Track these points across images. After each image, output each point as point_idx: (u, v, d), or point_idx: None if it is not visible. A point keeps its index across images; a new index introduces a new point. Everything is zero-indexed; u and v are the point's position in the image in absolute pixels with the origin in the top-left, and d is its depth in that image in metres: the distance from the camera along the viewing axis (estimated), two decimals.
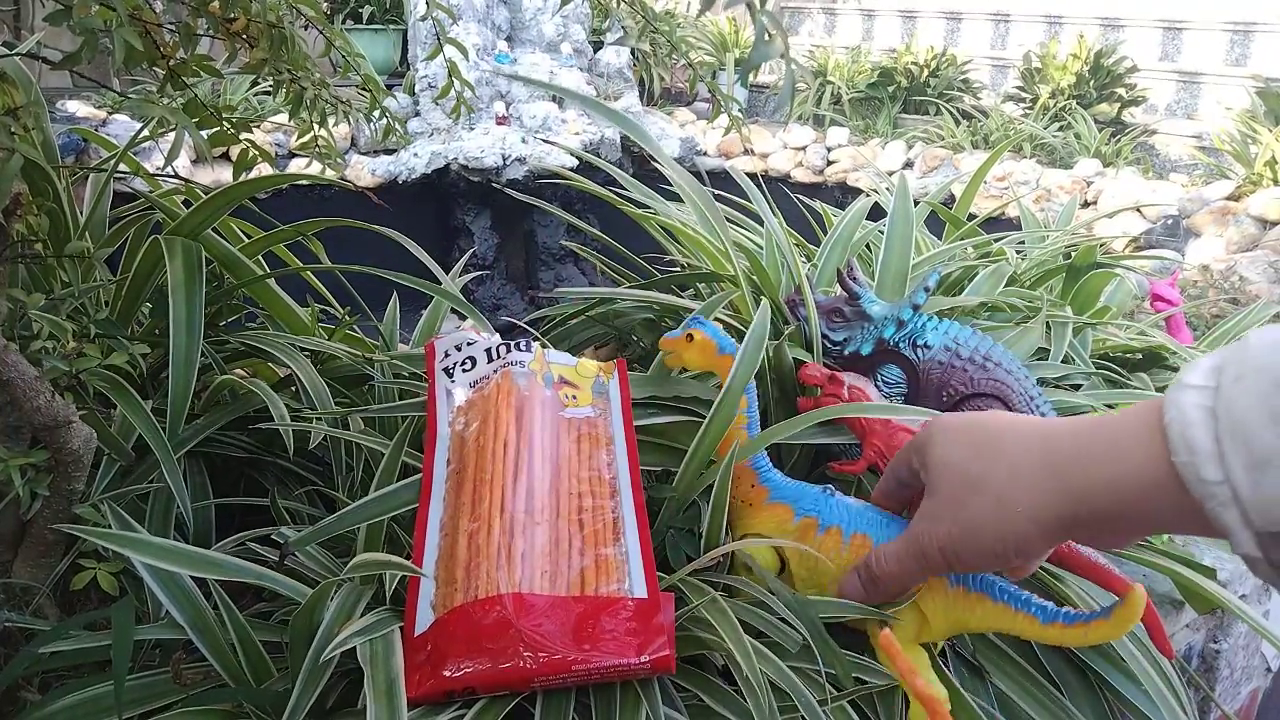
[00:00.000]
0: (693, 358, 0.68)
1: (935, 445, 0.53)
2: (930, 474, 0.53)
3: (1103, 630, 0.56)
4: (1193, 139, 4.34)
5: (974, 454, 0.50)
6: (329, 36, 0.79)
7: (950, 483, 0.51)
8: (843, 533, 0.60)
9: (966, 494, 0.49)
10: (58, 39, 0.72)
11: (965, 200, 1.37)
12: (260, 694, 0.56)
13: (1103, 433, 0.45)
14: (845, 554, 0.60)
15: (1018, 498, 0.47)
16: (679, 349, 0.68)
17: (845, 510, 0.62)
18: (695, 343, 0.67)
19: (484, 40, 4.33)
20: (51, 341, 0.65)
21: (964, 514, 0.49)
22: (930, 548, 0.52)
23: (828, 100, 5.05)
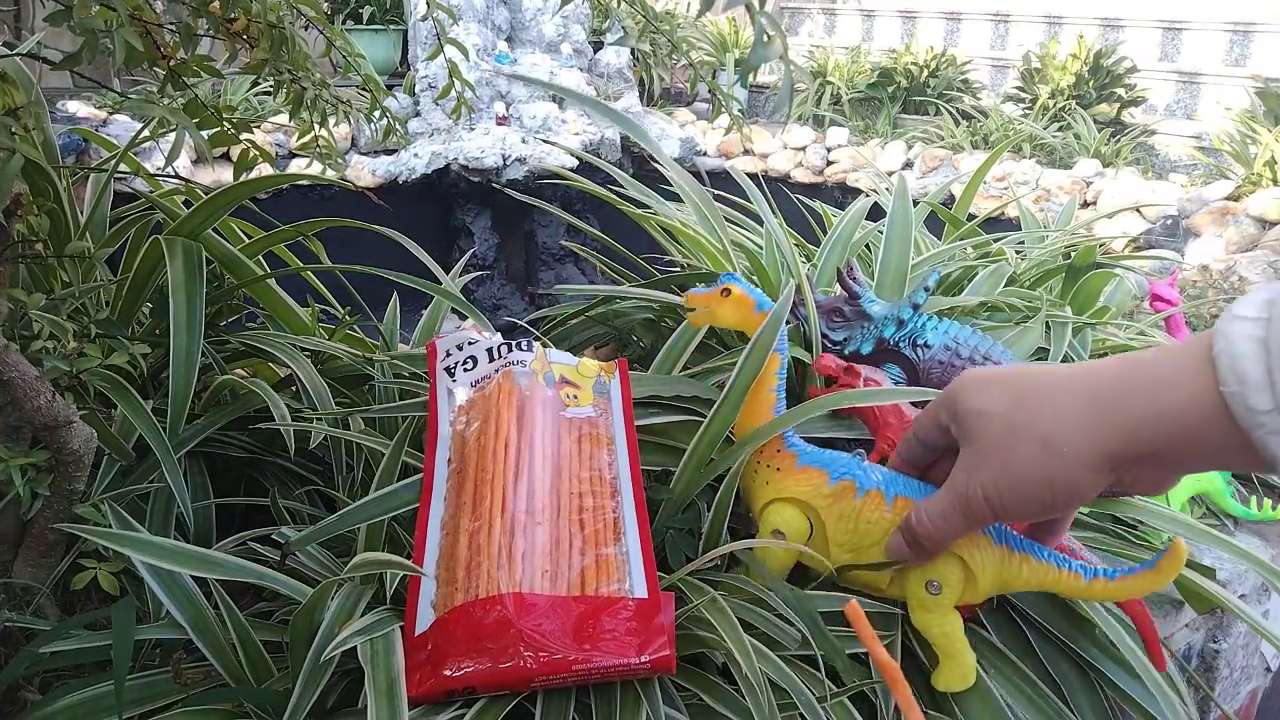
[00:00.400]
0: (726, 313, 0.65)
1: (969, 396, 0.51)
2: (966, 426, 0.51)
3: (1147, 581, 0.56)
4: (1192, 139, 4.34)
5: (1015, 400, 0.49)
6: (329, 37, 0.79)
7: (992, 431, 0.49)
8: (884, 496, 0.59)
9: (1011, 440, 0.48)
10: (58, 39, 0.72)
11: (965, 200, 1.38)
12: (261, 694, 0.56)
13: (1147, 368, 0.45)
14: (890, 517, 0.58)
15: (1064, 439, 0.46)
16: (711, 305, 0.65)
17: (881, 474, 0.60)
18: (731, 298, 0.64)
19: (484, 40, 4.33)
20: (52, 341, 0.65)
21: (1009, 461, 0.48)
22: (975, 499, 0.50)
23: (827, 100, 5.05)
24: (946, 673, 0.59)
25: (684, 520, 0.69)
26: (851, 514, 0.60)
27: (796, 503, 0.62)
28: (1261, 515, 0.98)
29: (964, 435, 0.51)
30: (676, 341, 0.82)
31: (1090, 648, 0.68)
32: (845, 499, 0.60)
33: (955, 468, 0.52)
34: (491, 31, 4.42)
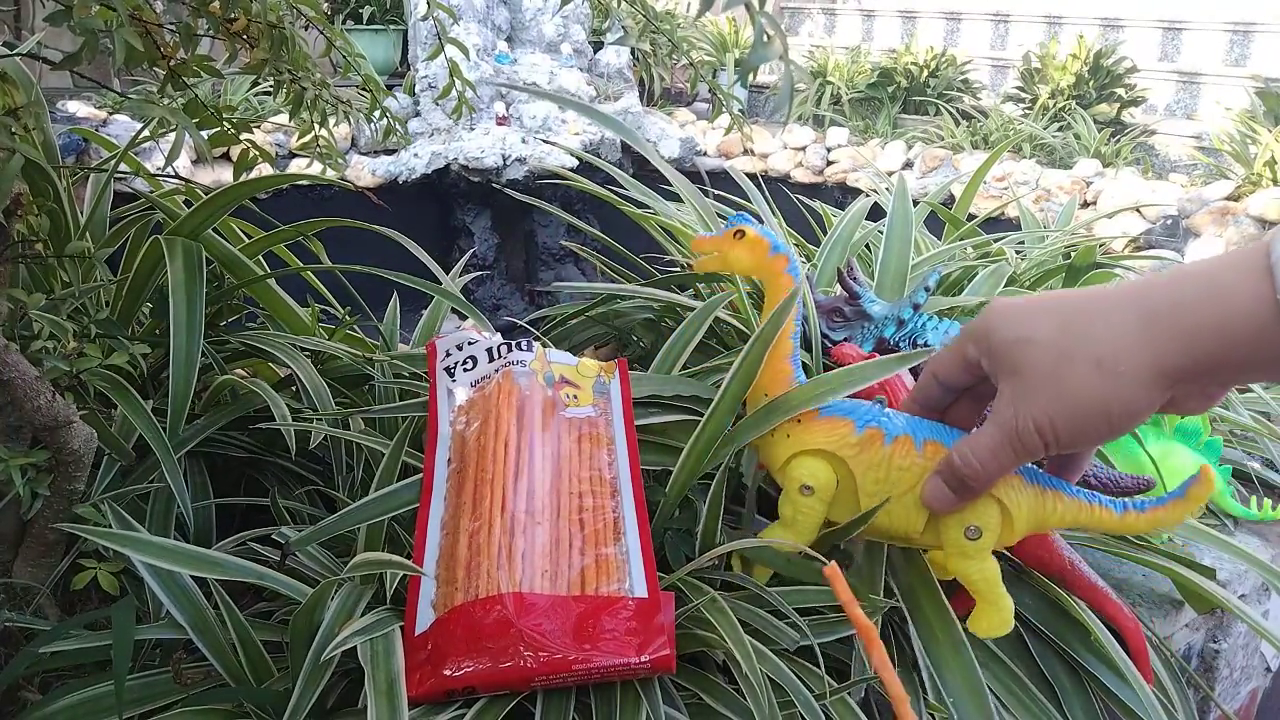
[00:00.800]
0: (740, 257, 0.61)
1: (1006, 326, 0.49)
2: (1006, 357, 0.49)
3: (1178, 510, 0.56)
4: (1192, 139, 4.34)
5: (1062, 324, 0.47)
6: (329, 37, 0.79)
7: (1038, 359, 0.47)
8: (914, 441, 0.57)
9: (1061, 366, 0.46)
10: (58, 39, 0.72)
11: (965, 200, 1.38)
12: (261, 694, 0.56)
13: (1202, 280, 0.44)
14: (922, 462, 0.56)
15: (1120, 359, 0.45)
16: (723, 248, 0.61)
17: (905, 420, 0.58)
18: (746, 240, 0.60)
19: (484, 40, 4.33)
20: (52, 341, 0.65)
21: (1062, 388, 0.46)
22: (1027, 431, 0.48)
23: (827, 100, 5.05)
24: (987, 618, 0.58)
25: (683, 520, 0.69)
26: (881, 462, 0.57)
27: (822, 454, 0.59)
28: (1261, 515, 0.98)
29: (1004, 367, 0.49)
30: (676, 341, 0.82)
31: (1084, 651, 0.68)
32: (873, 447, 0.57)
33: (999, 402, 0.50)
34: (491, 31, 4.42)
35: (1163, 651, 0.75)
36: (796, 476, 0.60)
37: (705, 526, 0.66)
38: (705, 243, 0.62)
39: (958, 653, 0.61)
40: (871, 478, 0.58)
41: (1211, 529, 0.79)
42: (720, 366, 0.81)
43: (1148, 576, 0.87)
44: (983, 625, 0.59)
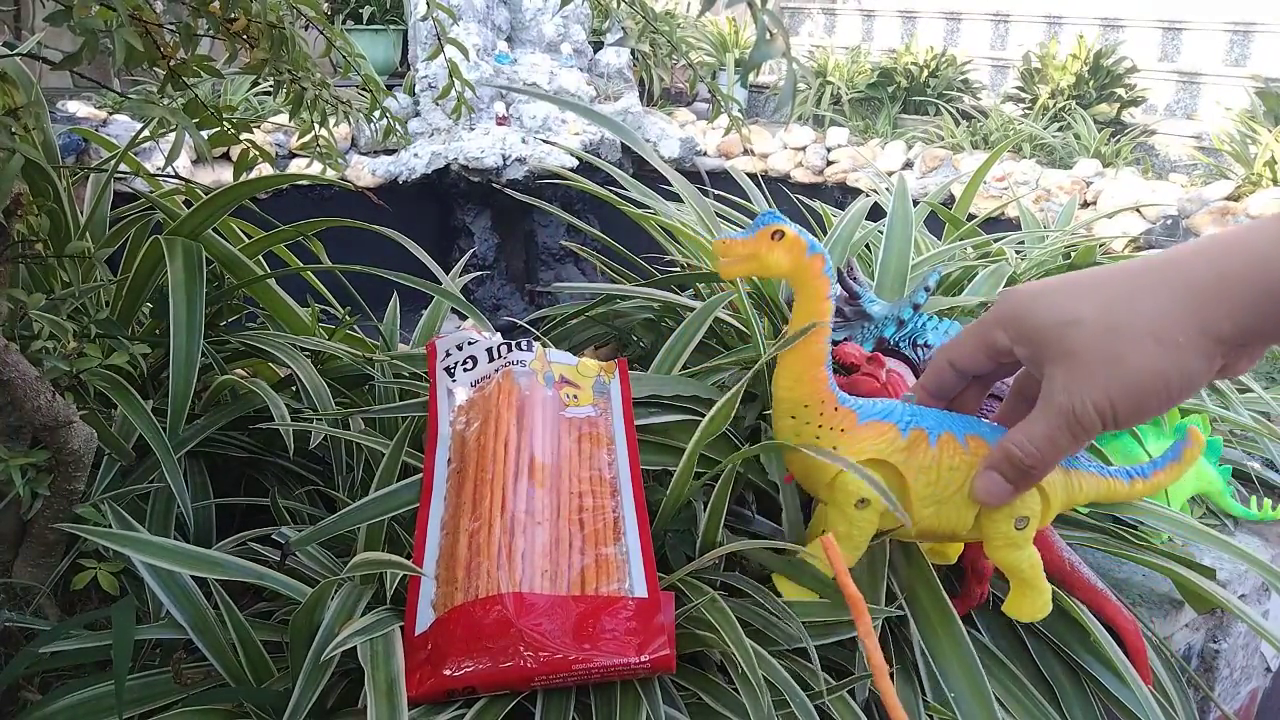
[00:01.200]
0: (779, 260, 0.54)
1: (1042, 311, 0.48)
2: (1051, 342, 0.48)
3: (1177, 470, 0.58)
4: (1192, 139, 4.33)
5: (1106, 305, 0.47)
6: (329, 37, 0.79)
7: (1090, 341, 0.47)
8: (956, 437, 0.55)
9: (1117, 345, 0.46)
10: (58, 39, 0.72)
11: (965, 200, 1.38)
12: (261, 694, 0.56)
13: (1242, 253, 0.44)
14: (970, 459, 0.55)
15: (1177, 331, 0.45)
16: (761, 251, 0.53)
17: (938, 416, 0.56)
18: (785, 241, 0.54)
19: (484, 40, 4.33)
20: (52, 341, 0.65)
21: (1120, 367, 0.46)
22: (1086, 414, 0.48)
23: (827, 100, 5.05)
24: (1030, 602, 0.58)
25: (683, 520, 0.69)
26: (931, 464, 0.55)
27: (873, 462, 0.56)
28: (1261, 515, 0.98)
29: (1051, 352, 0.48)
30: (676, 341, 0.82)
31: (1083, 652, 0.68)
32: (920, 449, 0.55)
33: (1051, 387, 0.49)
34: (491, 31, 4.42)
35: (1163, 651, 0.75)
36: (852, 491, 0.56)
37: (706, 527, 0.66)
38: (737, 245, 0.54)
39: (960, 653, 0.61)
40: (923, 481, 0.56)
41: (1211, 529, 0.79)
42: (720, 366, 0.81)
43: (1148, 576, 0.87)
44: (1026, 609, 0.58)
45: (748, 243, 0.54)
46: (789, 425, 0.57)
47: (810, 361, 0.56)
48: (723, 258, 0.54)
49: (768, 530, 0.75)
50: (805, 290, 0.56)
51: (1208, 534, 0.78)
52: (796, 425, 0.57)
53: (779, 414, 0.58)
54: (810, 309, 0.55)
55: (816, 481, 0.58)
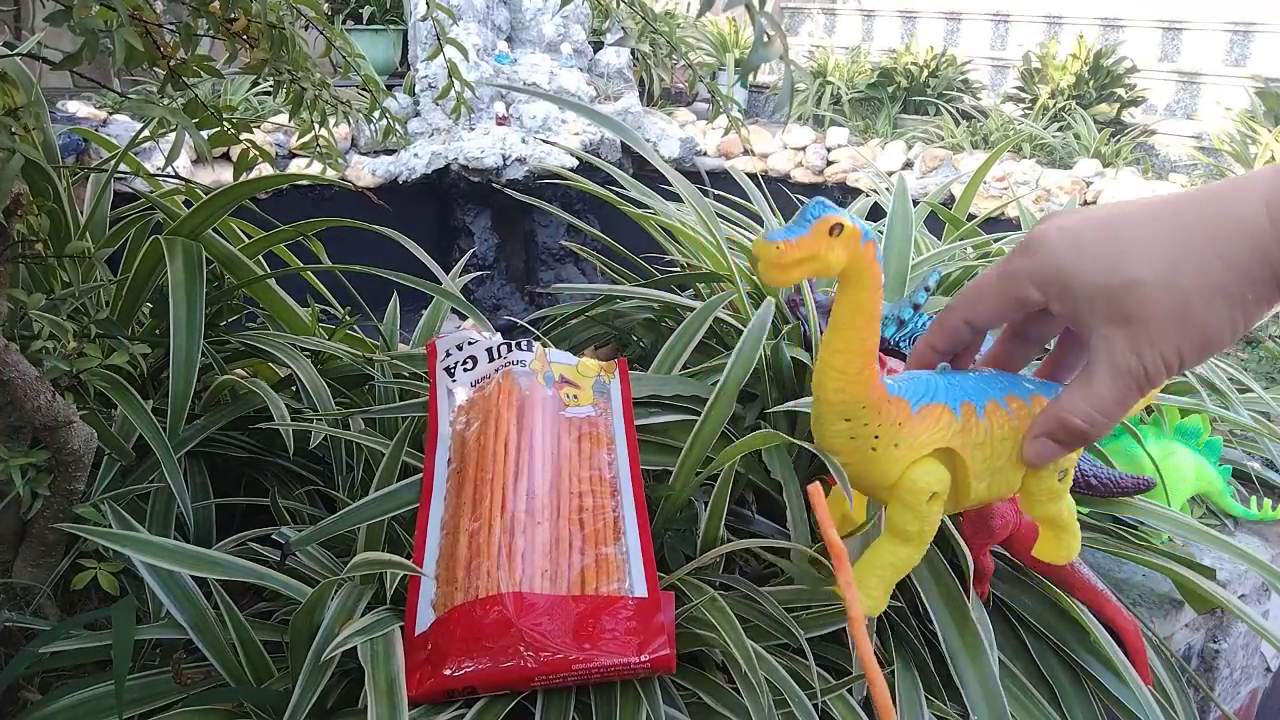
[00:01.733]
0: (840, 256, 0.47)
1: (1091, 269, 0.46)
2: (1109, 303, 0.46)
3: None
4: (1192, 139, 4.33)
5: (1167, 263, 0.45)
6: (329, 37, 0.79)
7: (1158, 301, 0.45)
8: (999, 403, 0.52)
9: (1188, 304, 0.45)
10: (58, 39, 0.72)
11: (965, 200, 1.37)
12: (261, 694, 0.56)
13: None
14: (1016, 423, 0.52)
15: (1244, 288, 0.45)
16: (819, 250, 0.46)
17: (972, 381, 0.52)
18: (845, 235, 0.46)
19: (484, 40, 4.33)
20: (52, 341, 0.65)
21: (1190, 326, 0.45)
22: (1157, 371, 0.46)
23: (827, 100, 5.05)
24: (1065, 544, 0.56)
25: (682, 520, 0.69)
26: (985, 439, 0.51)
27: (939, 452, 0.52)
28: (1261, 515, 0.98)
29: (1109, 312, 0.46)
30: (676, 341, 0.82)
31: (1083, 652, 0.68)
32: (972, 424, 0.51)
33: (1110, 348, 0.47)
34: (491, 31, 4.42)
35: (1163, 651, 0.75)
36: (923, 486, 0.51)
37: (707, 527, 0.66)
38: (793, 248, 0.46)
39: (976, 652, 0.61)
40: (980, 457, 0.52)
41: (1211, 529, 0.79)
42: (720, 366, 0.81)
43: (1148, 576, 0.87)
44: (1062, 552, 0.56)
45: (804, 243, 0.46)
46: (843, 429, 0.51)
47: (866, 357, 0.50)
48: (776, 264, 0.45)
49: (768, 530, 0.75)
50: (858, 281, 0.49)
51: (1208, 534, 0.78)
52: (852, 428, 0.51)
53: (828, 419, 0.52)
54: (862, 300, 0.49)
55: (876, 484, 0.53)
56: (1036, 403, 0.52)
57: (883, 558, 0.53)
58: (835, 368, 0.50)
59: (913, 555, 0.53)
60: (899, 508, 0.53)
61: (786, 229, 0.45)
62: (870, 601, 0.52)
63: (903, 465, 0.51)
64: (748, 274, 0.94)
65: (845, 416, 0.51)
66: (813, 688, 0.57)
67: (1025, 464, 0.52)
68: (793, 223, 0.46)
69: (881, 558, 0.53)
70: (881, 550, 0.53)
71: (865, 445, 0.51)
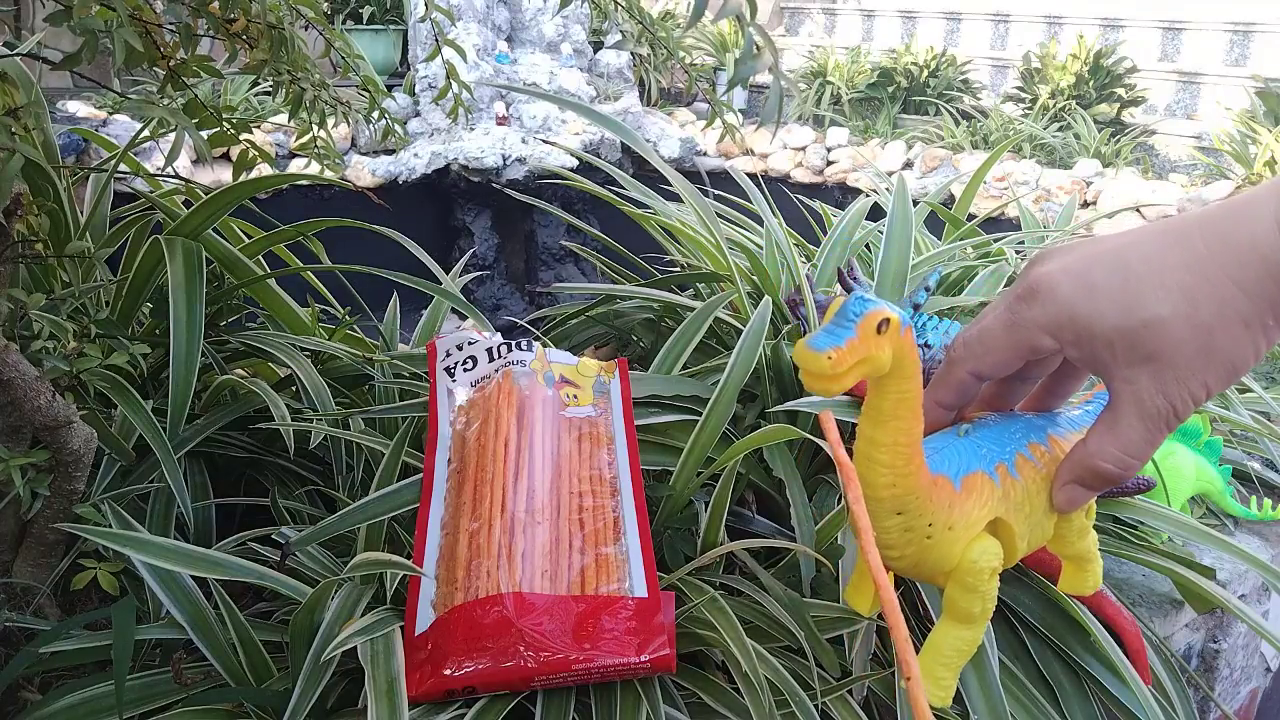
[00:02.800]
0: (887, 355, 0.43)
1: (1102, 313, 0.45)
2: (1130, 345, 0.45)
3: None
4: (1192, 139, 4.33)
5: (1187, 298, 0.44)
6: (329, 37, 0.79)
7: (1181, 338, 0.45)
8: (1025, 455, 0.50)
9: (1212, 340, 0.45)
10: (58, 39, 0.72)
11: (965, 200, 1.37)
12: (261, 694, 0.56)
13: None
14: (1044, 472, 0.50)
15: (1266, 316, 0.44)
16: (871, 351, 0.42)
17: (995, 433, 0.51)
18: (892, 329, 0.42)
19: (484, 40, 4.33)
20: (52, 341, 0.65)
21: (1216, 358, 0.45)
22: (1185, 408, 0.46)
23: (827, 100, 5.05)
24: (1092, 574, 0.55)
25: (682, 519, 0.69)
26: (1023, 498, 0.50)
27: (992, 524, 0.50)
28: (1261, 515, 0.98)
29: (1131, 355, 0.45)
30: (676, 341, 0.82)
31: (1083, 652, 0.68)
32: (1009, 485, 0.49)
33: (1136, 389, 0.46)
34: (491, 31, 4.42)
35: (1163, 651, 0.75)
36: (985, 565, 0.49)
37: (708, 527, 0.66)
38: (847, 355, 0.41)
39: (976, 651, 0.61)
40: (1021, 518, 0.50)
41: (1211, 529, 0.79)
42: (720, 366, 0.81)
43: (1148, 576, 0.87)
44: (1089, 582, 0.55)
45: (854, 347, 0.41)
46: (896, 523, 0.48)
47: (914, 447, 0.47)
48: (828, 377, 0.41)
49: (768, 530, 0.75)
50: (899, 370, 0.45)
51: (1208, 534, 0.78)
52: (906, 520, 0.48)
53: (879, 515, 0.48)
54: (905, 389, 0.45)
55: (934, 571, 0.50)
56: (1055, 444, 0.51)
57: (949, 643, 0.50)
58: (883, 464, 0.46)
59: (978, 635, 0.51)
60: (960, 590, 0.50)
61: (829, 333, 0.41)
62: (942, 693, 0.50)
63: (960, 547, 0.49)
64: (747, 274, 0.94)
65: (898, 510, 0.48)
66: (813, 688, 0.57)
67: (1056, 510, 0.51)
68: (834, 324, 0.41)
69: (948, 643, 0.50)
70: (946, 636, 0.50)
71: (920, 535, 0.48)
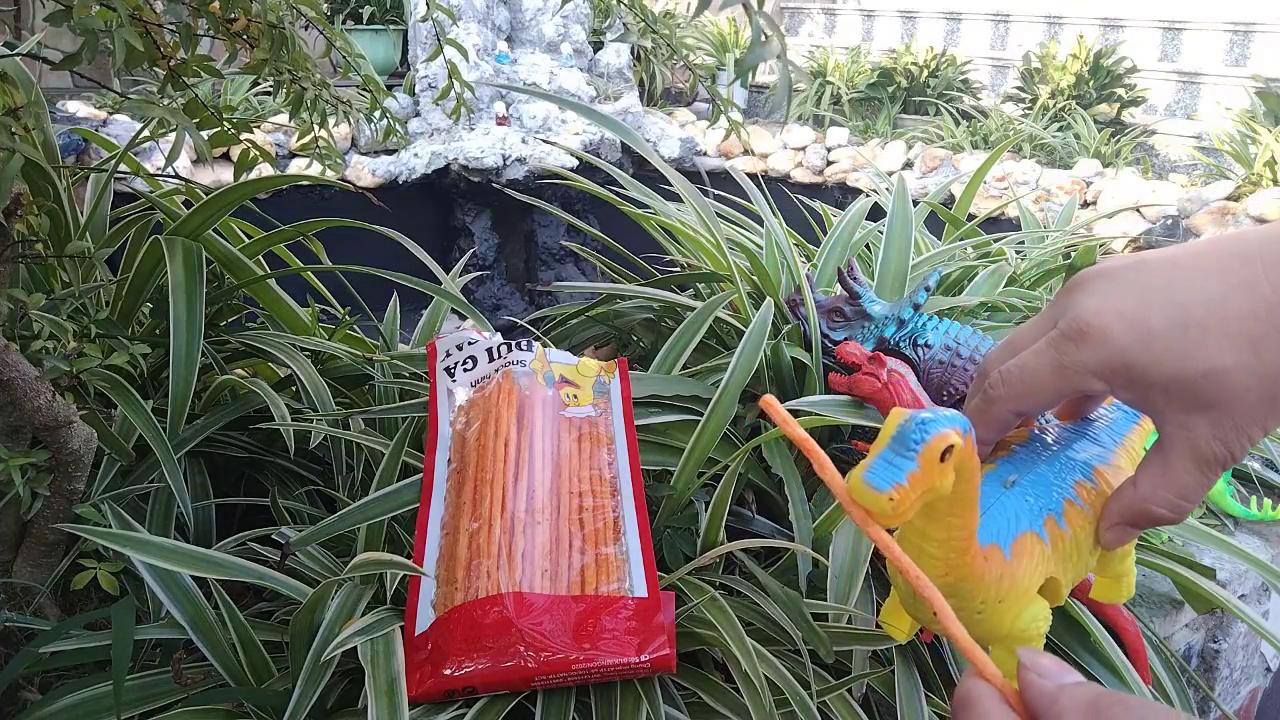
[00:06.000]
0: (949, 481, 0.39)
1: (1161, 361, 0.44)
2: (1188, 394, 0.44)
3: None
4: (1192, 139, 4.33)
5: (1249, 342, 0.43)
6: (329, 37, 0.79)
7: (1243, 387, 0.44)
8: (1073, 499, 0.48)
9: (1276, 386, 0.43)
10: (58, 39, 0.72)
11: (965, 200, 1.38)
12: (261, 694, 0.56)
13: None
14: (1091, 515, 0.48)
15: None
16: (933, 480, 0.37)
17: (1045, 481, 0.49)
18: (957, 453, 0.38)
19: (484, 40, 4.33)
20: (52, 341, 0.65)
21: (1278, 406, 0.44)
22: (1242, 452, 0.45)
23: (827, 100, 5.05)
24: (1127, 584, 0.54)
25: (682, 519, 0.69)
26: (1071, 549, 0.48)
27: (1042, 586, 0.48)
28: (1261, 515, 0.98)
29: (1190, 403, 0.44)
30: (676, 341, 0.82)
31: (1083, 652, 0.68)
32: (1058, 539, 0.47)
33: (1189, 438, 0.45)
34: (491, 31, 4.42)
35: (1163, 651, 0.75)
36: (1037, 631, 0.47)
37: (708, 527, 0.66)
38: (910, 492, 0.38)
39: None
40: (1068, 569, 0.48)
41: (1211, 529, 0.79)
42: (720, 366, 0.81)
43: (1148, 576, 0.87)
44: (1122, 593, 0.54)
45: (917, 480, 0.38)
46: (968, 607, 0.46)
47: (969, 540, 0.44)
48: (890, 516, 0.37)
49: (768, 530, 0.75)
50: (962, 474, 0.41)
51: (1208, 534, 0.78)
52: (957, 604, 0.45)
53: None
54: (964, 491, 0.42)
55: (983, 640, 0.46)
56: (1102, 479, 0.49)
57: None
58: (937, 557, 0.44)
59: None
60: (1007, 655, 0.48)
61: (887, 463, 0.37)
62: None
63: (1011, 617, 0.47)
64: (747, 274, 0.94)
65: (950, 595, 0.45)
66: (812, 687, 0.57)
67: (1103, 548, 0.49)
68: (893, 451, 0.37)
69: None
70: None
71: (970, 614, 0.46)
